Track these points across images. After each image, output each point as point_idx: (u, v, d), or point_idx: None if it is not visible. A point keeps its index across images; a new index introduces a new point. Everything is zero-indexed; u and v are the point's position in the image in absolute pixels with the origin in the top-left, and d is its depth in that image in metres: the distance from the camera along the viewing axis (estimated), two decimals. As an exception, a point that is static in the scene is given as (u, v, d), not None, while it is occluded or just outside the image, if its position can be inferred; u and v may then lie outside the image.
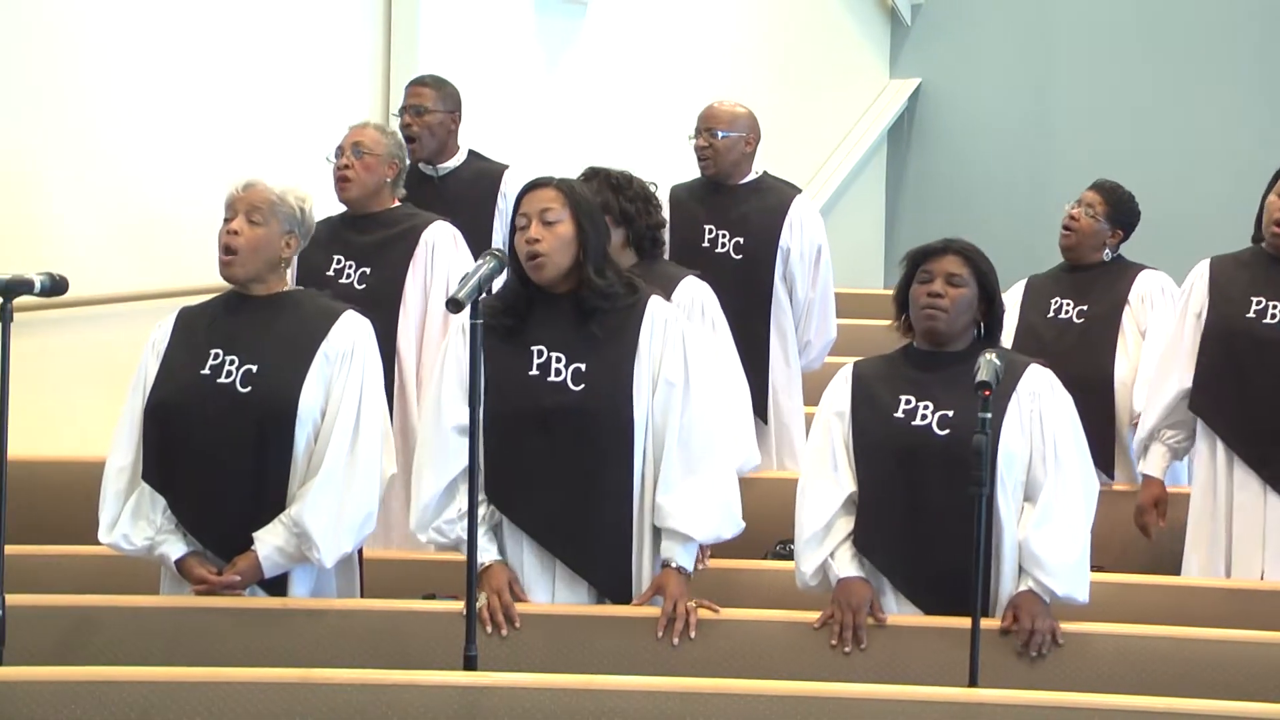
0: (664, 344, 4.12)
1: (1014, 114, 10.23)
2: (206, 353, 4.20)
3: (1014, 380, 4.13)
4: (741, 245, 5.94)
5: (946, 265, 4.17)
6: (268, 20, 7.12)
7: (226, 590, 4.12)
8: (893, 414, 4.14)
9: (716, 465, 4.12)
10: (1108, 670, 3.98)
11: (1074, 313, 5.71)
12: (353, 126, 5.39)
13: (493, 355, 4.07)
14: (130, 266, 6.60)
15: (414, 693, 3.65)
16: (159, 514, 4.17)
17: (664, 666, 3.94)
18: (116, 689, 3.62)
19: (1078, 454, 4.16)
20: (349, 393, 4.18)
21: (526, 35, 8.20)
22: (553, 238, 4.08)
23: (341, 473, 4.13)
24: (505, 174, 5.92)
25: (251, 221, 4.22)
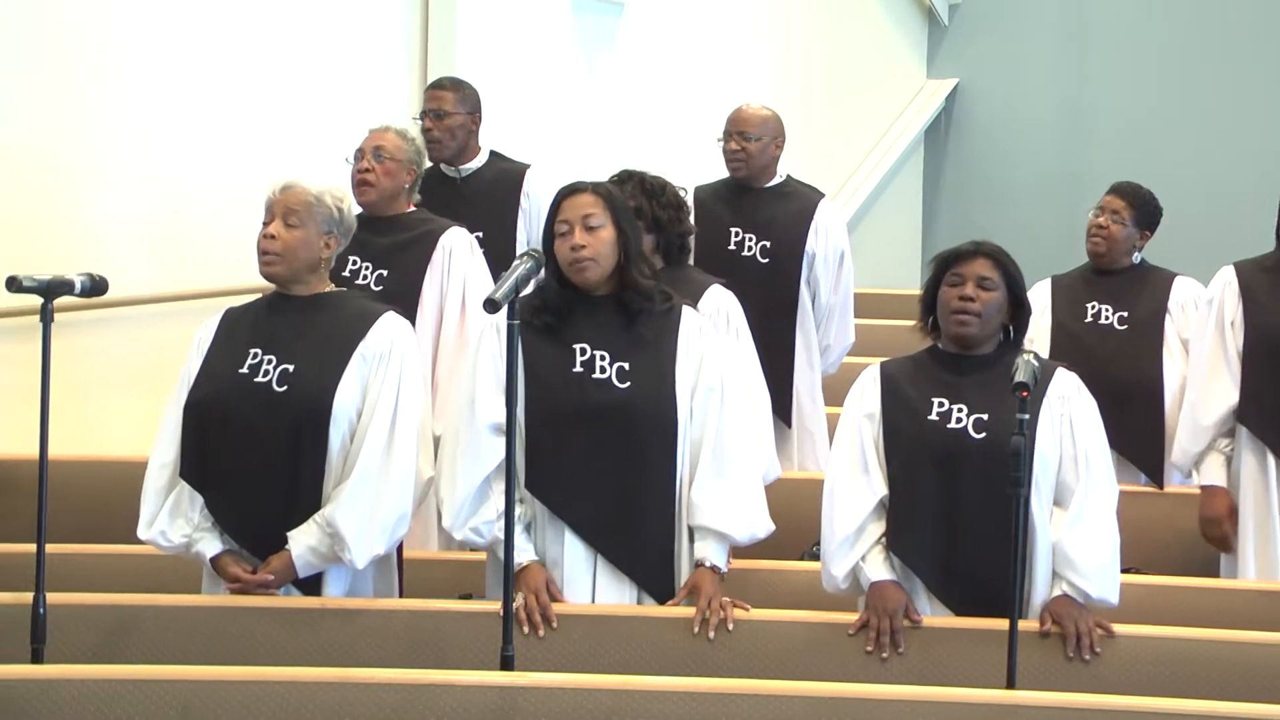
0: (702, 350, 4.17)
1: (1051, 114, 10.20)
2: (246, 352, 4.22)
3: (1044, 384, 4.13)
4: (768, 249, 5.95)
5: (978, 268, 4.17)
6: (305, 23, 7.14)
7: (260, 589, 4.14)
8: (926, 417, 4.13)
9: (747, 469, 4.18)
10: (1146, 673, 3.96)
11: (1114, 319, 5.69)
12: (372, 130, 5.40)
13: (533, 353, 4.09)
14: (168, 267, 6.63)
15: (451, 692, 3.66)
16: (196, 511, 4.19)
17: (699, 667, 3.95)
18: (156, 688, 3.64)
19: (1104, 457, 4.16)
20: (385, 394, 4.18)
21: (563, 36, 8.21)
22: (597, 242, 4.11)
23: (375, 474, 4.14)
24: (527, 173, 5.93)
25: (288, 224, 4.23)
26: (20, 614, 3.93)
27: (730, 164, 6.03)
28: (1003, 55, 10.35)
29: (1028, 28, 10.30)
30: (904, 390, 4.18)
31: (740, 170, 6.01)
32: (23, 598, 3.96)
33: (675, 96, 8.86)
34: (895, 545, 4.12)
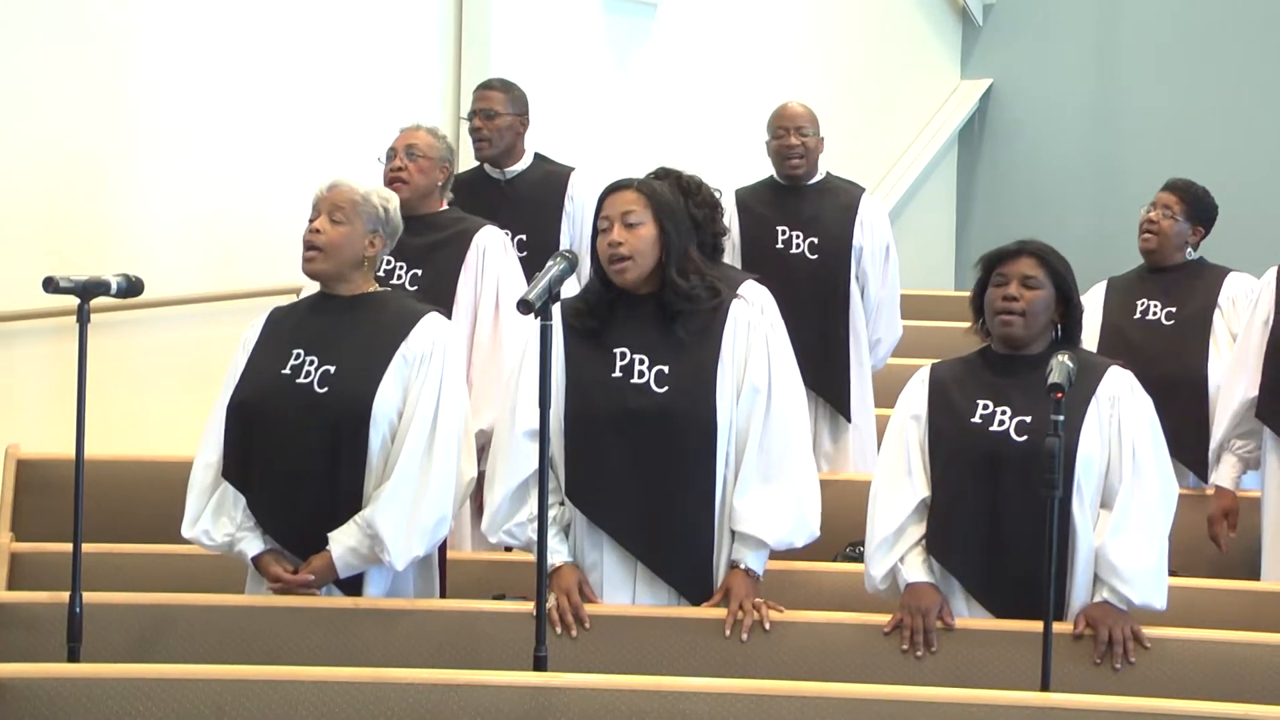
0: (748, 348, 4.12)
1: (1086, 113, 10.16)
2: (289, 353, 4.22)
3: (1094, 383, 4.10)
4: (816, 245, 5.95)
5: (1021, 267, 4.14)
6: (340, 24, 7.17)
7: (301, 589, 4.15)
8: (970, 419, 4.11)
9: (795, 472, 4.11)
10: (1183, 675, 3.94)
11: (1162, 314, 5.65)
12: (404, 129, 5.38)
13: (574, 357, 4.09)
14: (205, 268, 6.66)
15: (484, 693, 3.66)
16: (239, 511, 4.19)
17: (733, 668, 3.94)
18: (191, 687, 3.65)
19: (1156, 459, 4.10)
20: (426, 395, 4.17)
21: (596, 36, 8.22)
22: (636, 240, 4.08)
23: (415, 476, 4.13)
24: (572, 176, 5.92)
25: (334, 220, 4.24)
26: (57, 613, 3.95)
27: (790, 162, 6.01)
28: (1037, 55, 10.32)
29: (1062, 27, 10.26)
30: (950, 392, 4.17)
31: (800, 167, 6.01)
32: (59, 597, 3.99)
33: (707, 96, 8.86)
34: (935, 548, 4.11)
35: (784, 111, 6.06)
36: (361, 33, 7.26)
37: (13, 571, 4.75)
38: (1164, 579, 4.07)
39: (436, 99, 7.62)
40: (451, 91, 7.67)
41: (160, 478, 5.08)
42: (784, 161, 6.03)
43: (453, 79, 7.67)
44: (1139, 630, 3.99)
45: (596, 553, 4.12)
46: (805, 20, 9.58)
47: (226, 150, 6.71)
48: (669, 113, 8.62)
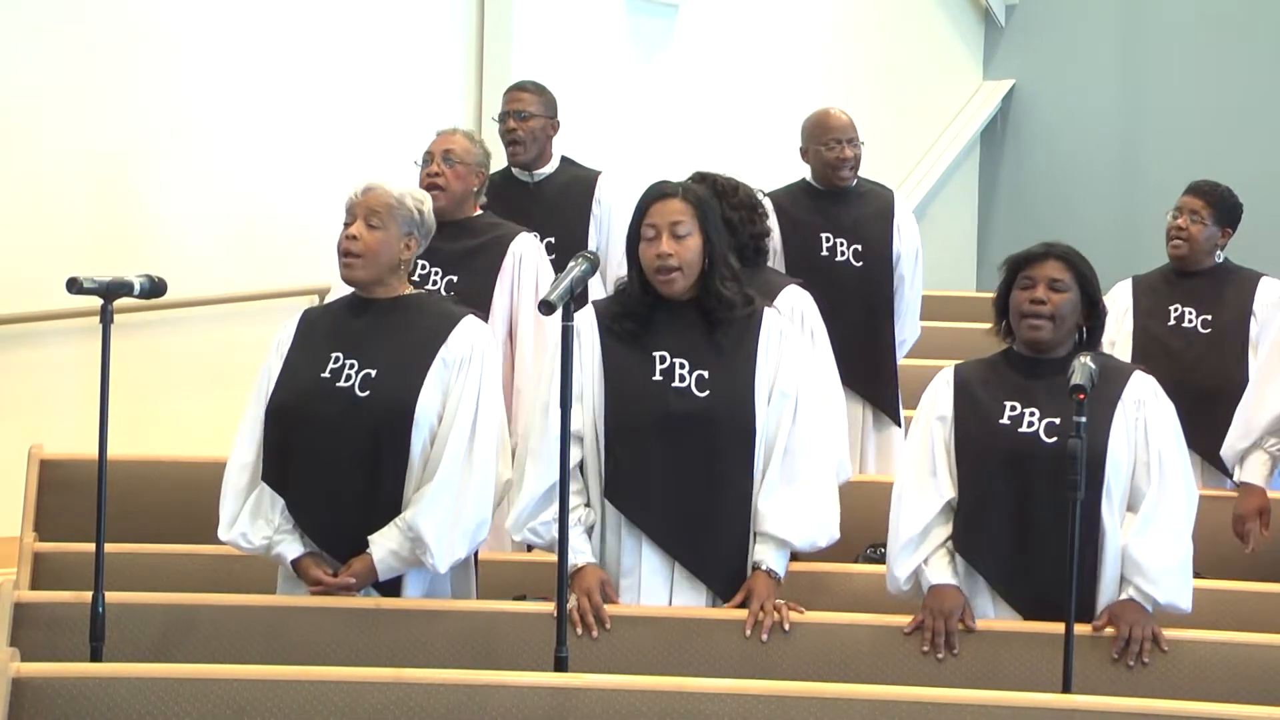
0: (780, 355, 4.14)
1: (1108, 114, 10.13)
2: (327, 356, 4.21)
3: (1119, 387, 4.10)
4: (860, 252, 5.94)
5: (1048, 270, 4.13)
6: (364, 25, 7.19)
7: (342, 592, 4.14)
8: (998, 420, 4.11)
9: (818, 476, 4.14)
10: (1207, 677, 3.93)
11: (1198, 321, 5.63)
12: (441, 132, 5.37)
13: (612, 360, 4.11)
14: (231, 269, 6.68)
15: (505, 693, 3.67)
16: (277, 514, 4.18)
17: (754, 669, 3.94)
18: (213, 686, 3.66)
19: (1180, 462, 4.11)
20: (466, 398, 4.17)
21: (618, 36, 8.22)
22: (685, 251, 4.09)
23: (457, 478, 4.13)
24: (599, 180, 5.92)
25: (370, 225, 4.22)
26: (80, 612, 3.96)
27: (843, 172, 5.98)
28: (1059, 56, 10.30)
29: (1084, 28, 10.24)
30: (976, 393, 4.16)
31: (851, 178, 6.00)
32: (82, 596, 4.00)
33: (728, 96, 8.86)
34: (963, 548, 4.11)
35: (832, 123, 6.01)
36: (385, 34, 7.28)
37: (36, 571, 4.76)
38: (1189, 580, 4.07)
39: (459, 99, 7.63)
40: (474, 92, 7.68)
41: (183, 478, 5.09)
42: (835, 172, 5.98)
43: (475, 79, 7.69)
44: (1159, 632, 3.98)
45: (635, 554, 4.12)
46: (827, 21, 9.57)
47: (254, 152, 6.74)
48: (690, 113, 8.62)
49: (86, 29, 6.15)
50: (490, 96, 7.63)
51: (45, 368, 6.07)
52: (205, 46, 6.57)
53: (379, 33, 7.26)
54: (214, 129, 6.61)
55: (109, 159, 6.27)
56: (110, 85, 6.24)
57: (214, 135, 6.62)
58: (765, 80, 9.05)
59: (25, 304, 6.08)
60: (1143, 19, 10.08)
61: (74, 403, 5.84)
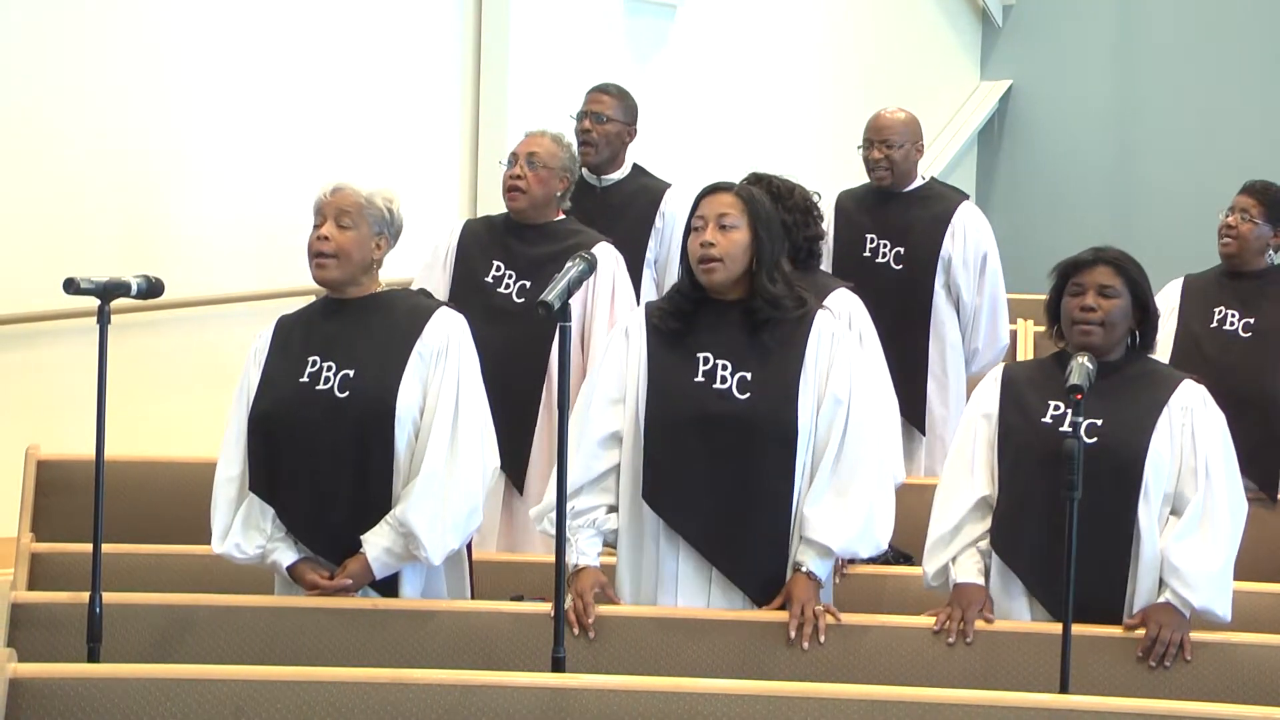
0: (831, 359, 4.10)
1: (1105, 115, 10.14)
2: (304, 360, 4.22)
3: (1167, 392, 4.11)
4: (902, 255, 5.93)
5: (1098, 277, 4.14)
6: (363, 26, 7.19)
7: (340, 594, 4.14)
8: (1040, 419, 4.12)
9: (867, 485, 4.08)
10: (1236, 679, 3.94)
11: (1239, 325, 5.59)
12: (529, 133, 5.34)
13: (656, 360, 4.10)
14: (230, 268, 6.68)
15: (501, 694, 3.66)
16: (269, 522, 4.19)
17: (753, 670, 3.94)
18: (210, 687, 3.65)
19: (1227, 472, 4.11)
20: (445, 390, 4.18)
21: (616, 38, 8.23)
22: (728, 243, 4.06)
23: (443, 470, 4.14)
24: (667, 193, 5.89)
25: (341, 225, 4.23)
26: (77, 613, 3.97)
27: (875, 173, 5.99)
28: (1056, 56, 10.31)
29: (1082, 28, 10.25)
30: (1023, 392, 4.18)
31: (886, 179, 5.98)
32: (79, 597, 4.00)
33: (727, 97, 8.86)
34: (998, 544, 4.13)
35: (873, 122, 6.01)
36: (383, 35, 7.29)
37: (33, 571, 4.77)
38: (1228, 587, 4.06)
39: (457, 102, 7.63)
40: (471, 94, 7.68)
41: (181, 478, 5.10)
42: (870, 173, 6.00)
43: (472, 81, 7.69)
44: (1187, 640, 3.98)
45: (673, 558, 4.10)
46: (824, 22, 9.58)
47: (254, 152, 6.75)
48: (688, 114, 8.62)
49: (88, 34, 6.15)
50: (488, 95, 7.64)
51: (43, 368, 6.07)
52: (204, 47, 6.57)
53: (377, 34, 7.26)
54: (213, 130, 6.62)
55: (106, 160, 6.27)
56: (108, 88, 6.24)
57: (213, 136, 6.62)
58: (763, 81, 9.06)
59: (23, 304, 6.08)
60: (1139, 20, 10.08)
61: (71, 403, 5.83)
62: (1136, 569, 4.06)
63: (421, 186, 7.26)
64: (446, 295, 5.27)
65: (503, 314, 5.18)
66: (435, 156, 7.56)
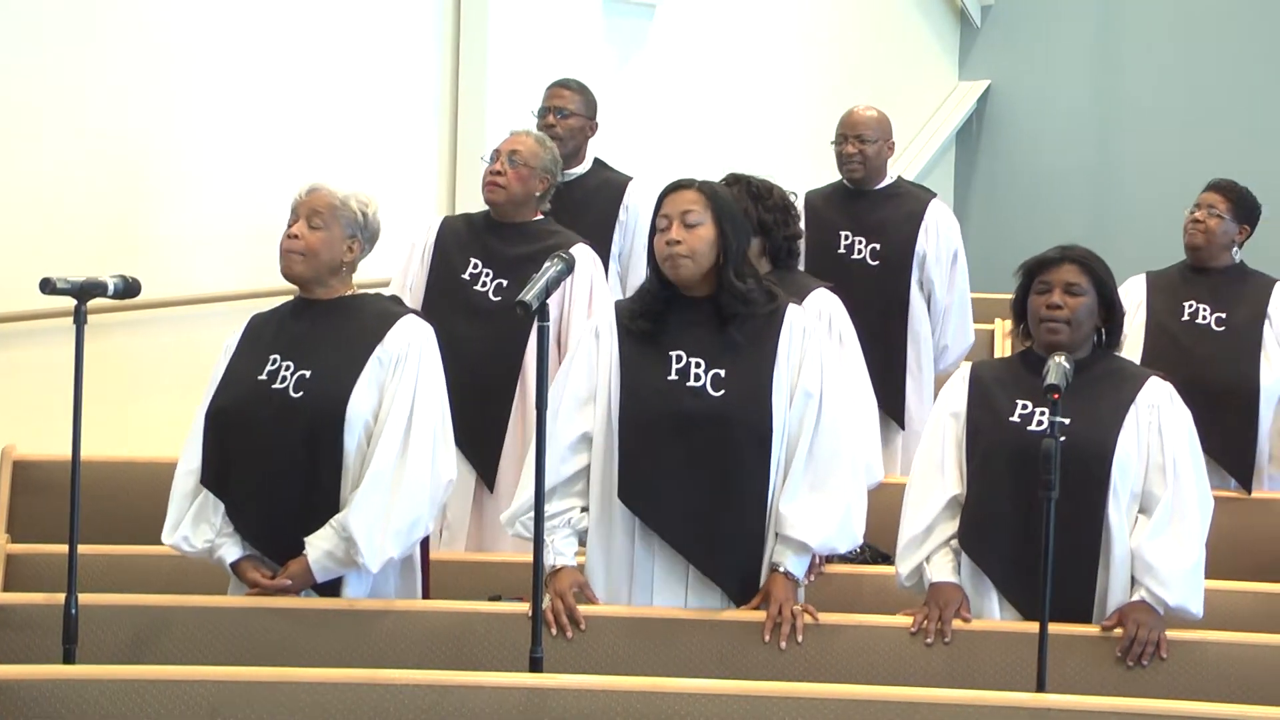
0: (803, 353, 4.10)
1: (1083, 115, 10.16)
2: (266, 358, 4.22)
3: (1134, 390, 4.12)
4: (878, 251, 5.95)
5: (1064, 275, 4.16)
6: (344, 27, 7.18)
7: (279, 594, 4.14)
8: (1008, 418, 4.13)
9: (842, 480, 4.08)
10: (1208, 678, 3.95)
11: (1211, 319, 5.62)
12: (513, 132, 5.34)
13: (629, 360, 4.10)
14: (208, 268, 6.66)
15: (479, 694, 3.66)
16: (219, 517, 4.20)
17: (731, 670, 3.94)
18: (186, 688, 3.65)
19: (1194, 468, 4.13)
20: (401, 396, 4.17)
21: (595, 37, 8.22)
22: (693, 239, 4.06)
23: (388, 478, 4.12)
24: (629, 186, 5.92)
25: (312, 225, 4.23)
26: (52, 614, 3.95)
27: (847, 167, 6.02)
28: (1035, 57, 10.32)
29: (1060, 29, 10.26)
30: (990, 391, 4.19)
31: (857, 173, 6.01)
32: (55, 598, 3.99)
33: (705, 96, 8.86)
34: (967, 544, 4.13)
35: (846, 117, 6.05)
36: (362, 35, 7.27)
37: (8, 573, 4.75)
38: (1200, 583, 4.07)
39: (435, 101, 7.62)
40: (449, 93, 7.67)
41: (157, 479, 5.05)
42: (842, 167, 6.03)
43: (451, 81, 7.67)
44: (1164, 638, 3.99)
45: (648, 557, 4.10)
46: (803, 21, 9.58)
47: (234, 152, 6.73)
48: (667, 114, 8.62)
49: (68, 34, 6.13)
50: (466, 94, 7.63)
51: (19, 368, 6.04)
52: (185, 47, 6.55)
53: (356, 34, 7.24)
54: (192, 130, 6.60)
55: (84, 160, 6.25)
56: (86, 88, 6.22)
57: (192, 136, 6.60)
58: (741, 81, 9.06)
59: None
60: (1118, 20, 10.10)
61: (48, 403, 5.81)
62: (1106, 567, 4.07)
63: (400, 186, 7.25)
64: (423, 291, 5.28)
65: (479, 312, 5.18)
66: (414, 156, 7.55)
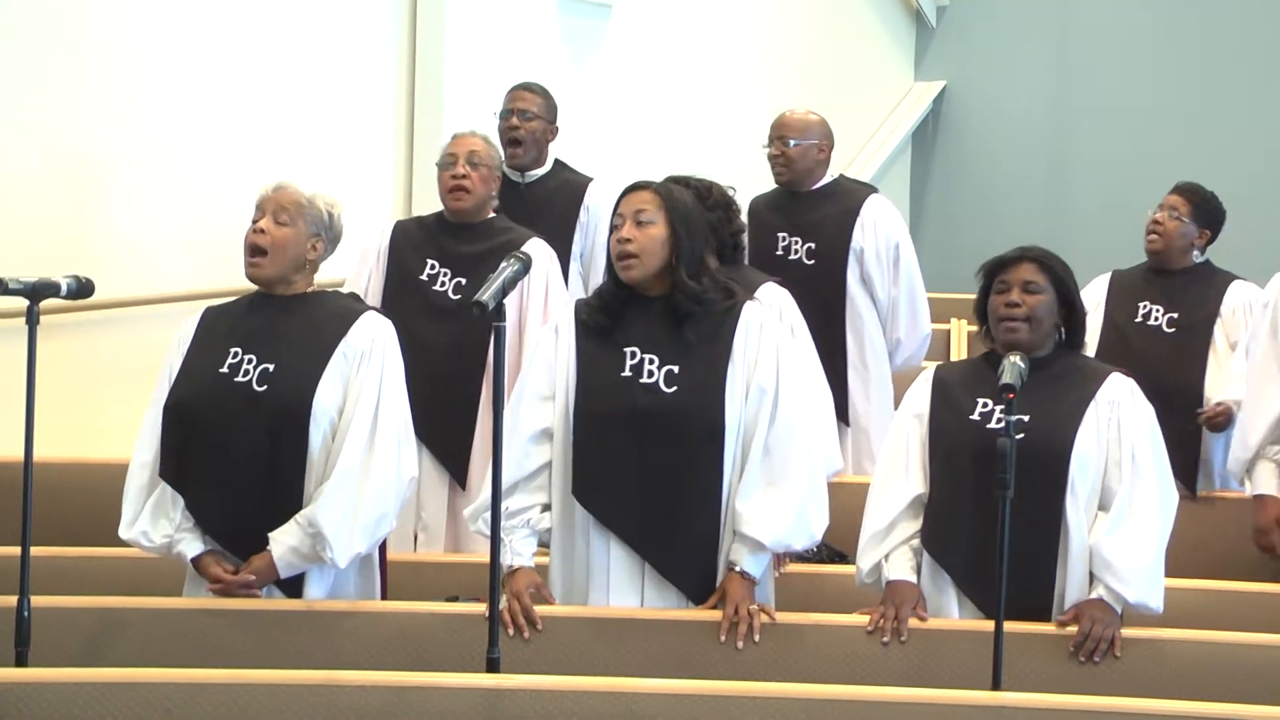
0: (759, 349, 4.10)
1: (1039, 116, 10.22)
2: (226, 351, 4.21)
3: (1094, 387, 4.14)
4: (814, 250, 5.96)
5: (1022, 274, 4.18)
6: (301, 27, 7.15)
7: (241, 590, 4.13)
8: (969, 416, 4.15)
9: (799, 476, 4.08)
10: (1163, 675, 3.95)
11: (1163, 320, 5.65)
12: (458, 135, 5.32)
13: (585, 356, 4.10)
14: (162, 268, 6.63)
15: (436, 695, 3.66)
16: (178, 512, 4.18)
17: (689, 669, 3.94)
18: (140, 690, 3.63)
19: (1156, 464, 4.14)
20: (366, 393, 4.17)
21: (550, 37, 8.22)
22: (645, 238, 4.08)
23: (356, 473, 4.12)
24: (590, 186, 5.94)
25: (279, 221, 4.23)
26: (4, 617, 3.92)
27: (773, 170, 6.04)
28: (990, 57, 10.37)
29: (1015, 30, 10.32)
30: (953, 391, 4.21)
31: (783, 175, 6.03)
32: (7, 600, 3.95)
33: (661, 96, 8.87)
34: (929, 542, 4.14)
35: (775, 120, 6.07)
36: (318, 34, 7.24)
37: (-39, 575, 4.71)
38: (1160, 580, 4.09)
39: (392, 100, 7.60)
40: (406, 93, 7.65)
41: (111, 481, 5.03)
42: (772, 168, 6.05)
43: (407, 80, 7.66)
44: (1118, 636, 4.00)
45: (604, 555, 4.10)
46: (759, 21, 9.60)
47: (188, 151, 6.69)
48: (623, 114, 8.62)
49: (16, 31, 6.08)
50: (423, 94, 7.61)
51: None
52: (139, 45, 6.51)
53: (312, 33, 7.22)
54: (146, 129, 6.56)
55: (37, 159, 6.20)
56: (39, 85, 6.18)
57: (146, 135, 6.56)
58: (697, 81, 9.07)
59: (-50, 305, 6.01)
60: (1074, 21, 10.16)
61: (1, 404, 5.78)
62: (1065, 564, 4.08)
63: (357, 187, 7.22)
64: (380, 296, 5.27)
65: (440, 311, 5.17)
66: (370, 157, 7.53)
